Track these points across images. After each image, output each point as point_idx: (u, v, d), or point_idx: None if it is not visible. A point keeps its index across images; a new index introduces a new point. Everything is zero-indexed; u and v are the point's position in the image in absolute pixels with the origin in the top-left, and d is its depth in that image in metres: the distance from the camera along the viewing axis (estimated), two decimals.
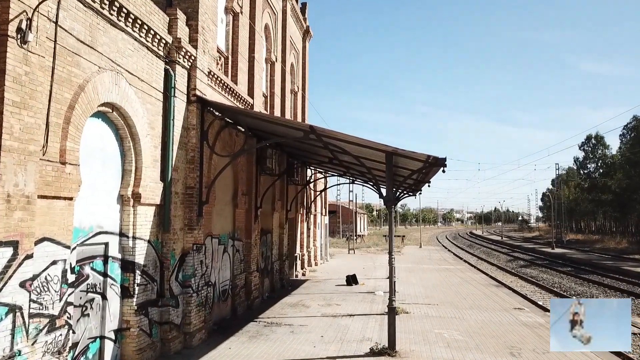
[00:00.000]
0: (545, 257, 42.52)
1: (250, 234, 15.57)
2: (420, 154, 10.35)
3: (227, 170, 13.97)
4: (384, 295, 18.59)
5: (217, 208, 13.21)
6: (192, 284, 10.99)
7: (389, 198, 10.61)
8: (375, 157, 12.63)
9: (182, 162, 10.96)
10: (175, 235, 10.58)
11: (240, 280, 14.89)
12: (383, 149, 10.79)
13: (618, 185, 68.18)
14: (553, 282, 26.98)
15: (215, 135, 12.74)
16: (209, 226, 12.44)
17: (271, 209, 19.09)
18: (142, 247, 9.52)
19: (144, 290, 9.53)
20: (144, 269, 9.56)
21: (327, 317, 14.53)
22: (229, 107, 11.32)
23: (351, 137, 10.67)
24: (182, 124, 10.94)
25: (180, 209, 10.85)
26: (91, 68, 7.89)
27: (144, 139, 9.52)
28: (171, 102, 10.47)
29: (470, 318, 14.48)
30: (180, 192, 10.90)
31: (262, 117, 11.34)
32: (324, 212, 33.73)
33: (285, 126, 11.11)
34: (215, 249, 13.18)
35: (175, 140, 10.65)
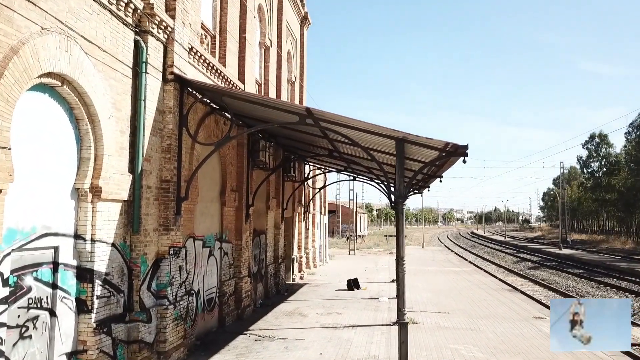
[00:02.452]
0: (553, 258, 40.91)
1: (241, 234, 13.94)
2: (437, 140, 8.74)
3: (213, 164, 12.36)
4: (389, 302, 16.99)
5: (201, 206, 11.59)
6: (168, 294, 9.37)
7: (399, 194, 8.99)
8: (382, 146, 11.02)
9: (156, 151, 9.33)
10: (147, 237, 8.95)
11: (228, 286, 13.26)
12: (392, 135, 9.17)
13: (623, 184, 66.90)
14: (567, 285, 25.36)
15: (198, 122, 11.12)
16: (190, 226, 10.82)
17: (265, 208, 17.46)
18: (104, 252, 7.90)
19: (106, 303, 7.90)
20: (107, 277, 7.93)
21: (327, 328, 12.91)
22: (212, 87, 9.73)
23: (354, 121, 9.06)
24: (156, 106, 9.31)
25: (153, 206, 9.23)
26: (30, 27, 6.26)
27: (107, 122, 7.89)
28: (142, 80, 8.83)
29: (487, 329, 12.86)
30: (154, 186, 9.27)
31: (250, 97, 9.71)
32: (323, 211, 32.09)
33: (278, 109, 9.51)
34: (199, 253, 11.55)
35: (148, 124, 9.03)
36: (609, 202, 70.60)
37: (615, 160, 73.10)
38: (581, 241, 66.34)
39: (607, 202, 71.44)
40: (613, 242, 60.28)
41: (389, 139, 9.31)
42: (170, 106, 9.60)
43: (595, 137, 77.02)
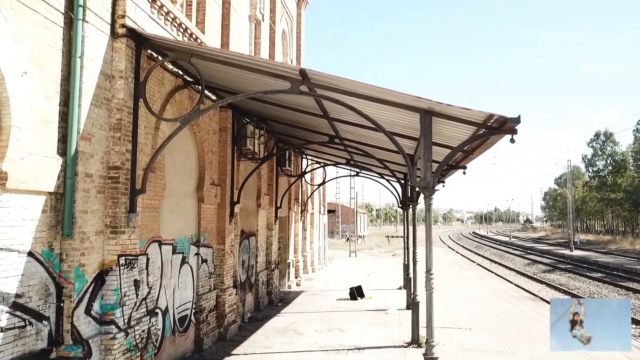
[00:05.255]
0: (566, 260, 38.64)
1: (224, 237, 11.62)
2: (477, 111, 6.46)
3: (188, 151, 10.08)
4: (399, 314, 14.70)
5: (170, 202, 9.28)
6: (116, 318, 7.05)
7: (426, 184, 6.67)
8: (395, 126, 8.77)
9: (100, 128, 7.02)
10: (85, 243, 6.64)
11: (208, 300, 10.94)
12: (415, 106, 6.87)
13: (630, 182, 64.88)
14: (590, 291, 23.07)
15: (166, 96, 8.82)
16: (154, 227, 8.51)
17: (256, 206, 15.15)
18: (14, 264, 5.58)
19: (17, 337, 5.59)
20: (19, 300, 5.62)
21: (327, 351, 10.61)
22: (175, 44, 7.42)
23: (362, 86, 6.77)
24: (101, 68, 7.01)
25: (96, 200, 6.92)
26: None
27: (17, 80, 5.59)
28: (78, 29, 6.51)
29: (522, 354, 10.55)
30: (98, 174, 6.96)
31: (225, 56, 7.38)
32: (322, 210, 29.76)
33: (263, 72, 7.21)
34: (167, 260, 9.23)
35: (87, 91, 6.72)
36: (615, 201, 68.63)
37: (621, 158, 71.19)
38: (588, 242, 64.09)
39: (613, 201, 69.50)
40: (621, 242, 57.96)
41: (409, 110, 7.00)
42: (121, 69, 7.28)
43: (600, 135, 75.01)
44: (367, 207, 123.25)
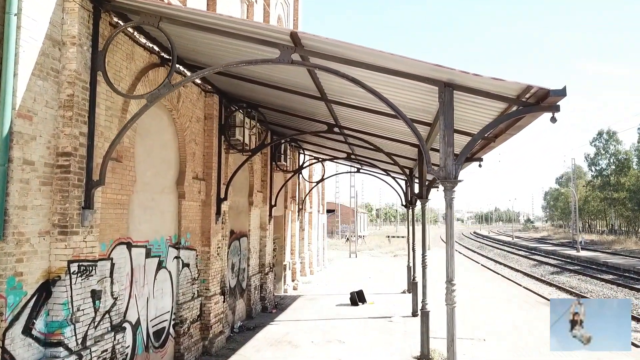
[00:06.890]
0: (573, 261, 37.33)
1: (210, 238, 10.32)
2: (511, 82, 5.17)
3: (166, 139, 8.83)
4: (404, 322, 13.43)
5: (141, 197, 7.98)
6: (65, 338, 5.74)
7: (446, 173, 5.37)
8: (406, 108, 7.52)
9: (45, 105, 5.72)
10: (23, 246, 5.34)
11: (190, 310, 9.63)
12: (433, 77, 5.59)
13: (635, 181, 63.77)
14: (605, 295, 21.75)
15: (136, 74, 7.53)
16: (121, 227, 7.20)
17: (247, 203, 13.85)
18: None
19: None
20: None
21: None
22: (143, 7, 6.11)
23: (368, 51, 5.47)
24: (47, 32, 5.71)
25: (40, 194, 5.61)
26: None
27: None
28: None
29: None
30: (42, 161, 5.66)
31: (202, 19, 6.08)
32: (321, 209, 28.46)
33: (246, 37, 5.90)
34: (139, 265, 7.92)
35: (28, 58, 5.42)
36: (618, 201, 67.54)
37: (624, 157, 70.07)
38: (592, 242, 62.78)
39: (616, 201, 68.42)
40: (625, 242, 56.67)
41: (425, 83, 5.70)
42: (73, 35, 5.97)
43: (603, 134, 73.82)
44: (367, 206, 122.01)
